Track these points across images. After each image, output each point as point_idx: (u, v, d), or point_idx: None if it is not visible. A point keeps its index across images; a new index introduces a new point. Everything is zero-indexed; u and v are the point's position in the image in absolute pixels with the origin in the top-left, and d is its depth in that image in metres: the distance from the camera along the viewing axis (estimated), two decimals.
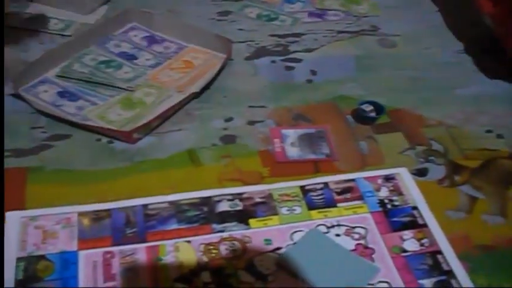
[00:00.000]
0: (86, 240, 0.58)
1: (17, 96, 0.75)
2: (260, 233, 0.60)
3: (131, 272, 0.55)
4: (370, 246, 0.59)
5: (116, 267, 0.55)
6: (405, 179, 0.67)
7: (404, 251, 0.59)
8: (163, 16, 0.97)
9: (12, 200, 0.61)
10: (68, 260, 0.55)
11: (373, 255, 0.58)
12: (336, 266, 0.57)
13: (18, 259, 0.55)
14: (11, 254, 0.55)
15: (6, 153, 0.68)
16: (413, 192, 0.66)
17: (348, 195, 0.65)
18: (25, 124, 0.72)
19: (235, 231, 0.60)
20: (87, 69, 0.84)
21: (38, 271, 0.54)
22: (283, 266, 0.57)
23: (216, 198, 0.64)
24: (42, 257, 0.55)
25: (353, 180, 0.67)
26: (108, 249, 0.57)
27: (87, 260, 0.56)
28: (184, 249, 0.58)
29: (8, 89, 0.76)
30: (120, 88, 0.81)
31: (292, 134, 0.75)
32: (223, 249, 0.58)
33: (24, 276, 0.53)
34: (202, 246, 0.58)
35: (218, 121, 0.77)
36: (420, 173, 0.69)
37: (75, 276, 0.54)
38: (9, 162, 0.67)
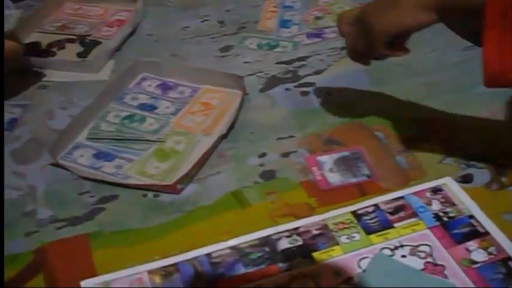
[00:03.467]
0: None
1: (57, 165, 0.76)
2: (327, 266, 0.61)
3: None
4: (439, 263, 0.60)
5: None
6: (453, 188, 0.69)
7: (474, 262, 0.60)
8: (170, 62, 0.99)
9: (83, 269, 0.63)
10: None
11: (444, 272, 0.59)
12: None
13: None
14: None
15: (62, 223, 0.69)
16: (465, 200, 0.67)
17: (402, 214, 0.66)
18: (72, 191, 0.74)
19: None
20: (113, 127, 0.85)
21: None
22: None
23: (274, 237, 0.65)
24: None
25: (402, 197, 0.69)
26: None
27: None
28: None
29: (46, 159, 0.77)
30: (150, 141, 0.82)
31: (328, 160, 0.77)
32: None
33: None
34: None
35: (252, 158, 0.78)
36: (465, 179, 0.71)
37: None
38: (68, 232, 0.68)
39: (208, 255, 0.63)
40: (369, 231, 0.65)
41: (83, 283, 0.61)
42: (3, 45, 0.68)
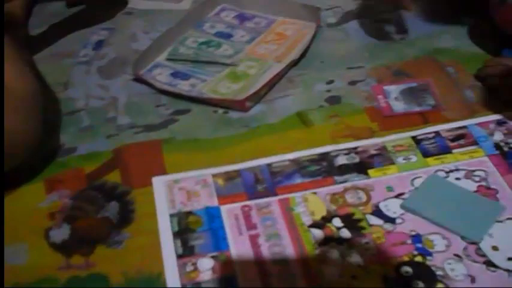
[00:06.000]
0: (224, 196, 0.64)
1: (139, 80, 0.82)
2: (381, 182, 0.64)
3: (270, 221, 0.60)
4: (492, 187, 0.61)
5: (255, 217, 0.61)
6: None
7: None
8: None
9: (155, 168, 0.69)
10: (213, 214, 0.62)
11: (497, 195, 0.60)
12: (461, 207, 0.59)
13: (171, 215, 0.62)
14: (163, 211, 0.62)
15: (139, 129, 0.75)
16: None
17: (462, 141, 0.67)
18: (150, 103, 0.80)
19: (357, 181, 0.64)
20: (191, 51, 0.90)
21: (190, 224, 0.61)
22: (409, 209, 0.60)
23: (333, 154, 0.68)
24: (190, 213, 0.62)
25: (465, 127, 0.69)
26: (245, 203, 0.62)
27: (229, 213, 0.62)
28: (312, 200, 0.62)
29: (129, 75, 0.84)
30: (224, 64, 0.86)
31: (394, 89, 0.78)
32: (349, 197, 0.62)
33: (180, 229, 0.60)
34: (329, 196, 0.63)
35: (320, 84, 0.81)
36: None
37: (222, 227, 0.60)
38: (143, 137, 0.74)
39: (269, 165, 0.67)
40: (426, 154, 0.66)
41: (154, 179, 0.66)
42: (3, 44, 0.71)
